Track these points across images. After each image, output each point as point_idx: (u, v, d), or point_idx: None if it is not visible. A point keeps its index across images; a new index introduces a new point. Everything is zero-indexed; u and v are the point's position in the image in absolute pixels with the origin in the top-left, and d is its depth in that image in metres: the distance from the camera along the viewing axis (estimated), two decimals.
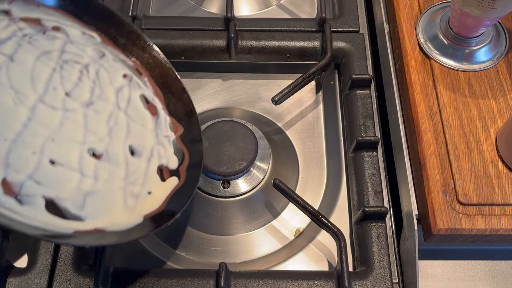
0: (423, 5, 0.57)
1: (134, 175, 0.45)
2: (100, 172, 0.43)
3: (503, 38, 0.54)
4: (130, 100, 0.49)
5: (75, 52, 0.47)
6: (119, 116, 0.47)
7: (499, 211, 0.45)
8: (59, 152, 0.42)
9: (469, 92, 0.51)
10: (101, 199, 0.42)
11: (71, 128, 0.43)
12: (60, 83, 0.45)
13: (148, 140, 0.48)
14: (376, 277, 0.47)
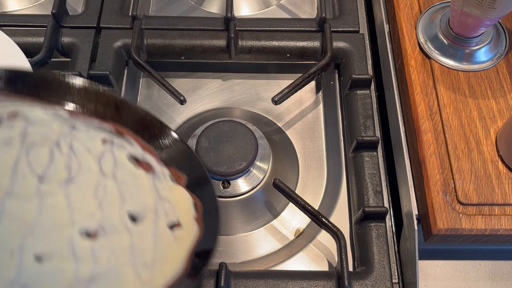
0: (423, 5, 0.57)
1: (141, 243, 0.39)
2: (99, 252, 0.37)
3: (503, 38, 0.54)
4: (117, 163, 0.42)
5: (39, 133, 0.41)
6: (107, 184, 0.40)
7: (499, 211, 0.45)
8: (43, 244, 0.35)
9: (469, 92, 0.51)
10: (107, 282, 0.36)
11: (53, 213, 0.37)
12: (29, 169, 0.38)
13: (148, 200, 0.41)
14: (376, 277, 0.47)
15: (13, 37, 0.57)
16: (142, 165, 0.43)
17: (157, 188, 0.42)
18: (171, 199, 0.42)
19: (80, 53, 0.61)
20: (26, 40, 0.61)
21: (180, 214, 0.41)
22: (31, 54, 0.58)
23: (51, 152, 0.40)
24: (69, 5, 0.66)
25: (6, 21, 0.63)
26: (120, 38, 0.62)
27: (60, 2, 0.63)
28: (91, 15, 0.64)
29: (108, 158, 0.42)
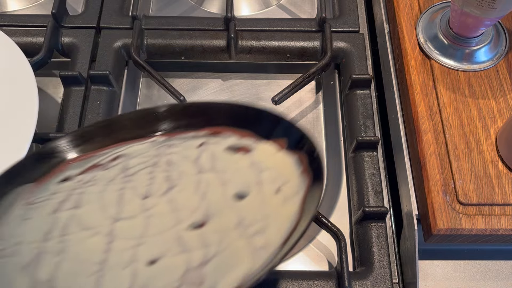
0: (423, 5, 0.57)
1: (250, 216, 0.39)
2: (208, 238, 0.38)
3: (503, 38, 0.54)
4: (214, 158, 0.44)
5: (138, 163, 0.44)
6: (208, 177, 0.42)
7: (499, 211, 0.45)
8: (153, 249, 0.37)
9: (469, 92, 0.51)
10: (221, 261, 0.36)
11: (158, 221, 0.38)
12: (133, 194, 0.41)
13: (250, 176, 0.42)
14: (376, 277, 0.47)
15: (13, 37, 0.57)
16: (241, 150, 0.45)
17: (256, 162, 0.43)
18: (274, 166, 0.43)
19: (80, 53, 0.61)
20: (26, 40, 0.61)
21: (284, 176, 0.41)
22: (31, 54, 0.58)
23: (150, 173, 0.43)
24: (69, 5, 0.66)
25: (6, 21, 0.63)
26: (120, 38, 0.62)
27: (60, 2, 0.63)
28: (91, 15, 0.64)
29: (205, 157, 0.44)
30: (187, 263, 0.36)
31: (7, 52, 0.55)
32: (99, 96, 0.58)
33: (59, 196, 0.42)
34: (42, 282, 0.35)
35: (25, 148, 0.48)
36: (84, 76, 0.59)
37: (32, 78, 0.53)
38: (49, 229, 0.39)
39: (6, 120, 0.51)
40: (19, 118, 0.51)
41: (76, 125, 0.56)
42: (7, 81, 0.54)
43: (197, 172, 0.42)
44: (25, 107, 0.51)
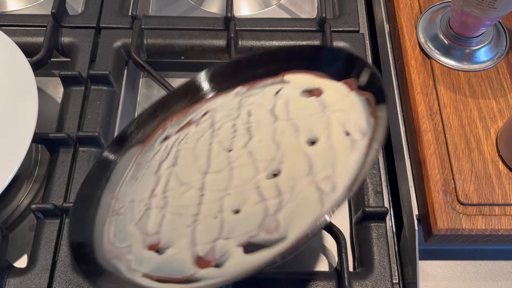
0: (423, 5, 0.57)
1: (319, 162, 0.41)
2: (282, 186, 0.40)
3: (503, 38, 0.54)
4: (288, 103, 0.46)
5: (222, 116, 0.48)
6: (282, 125, 0.44)
7: (500, 211, 0.45)
8: (237, 199, 0.40)
9: (470, 92, 0.51)
10: (293, 208, 0.39)
11: (241, 172, 0.42)
12: (219, 148, 0.45)
13: (322, 120, 0.43)
14: (376, 277, 0.47)
15: (13, 37, 0.57)
16: (313, 93, 0.46)
17: (328, 105, 0.44)
18: (344, 108, 0.44)
19: (80, 53, 0.61)
20: (26, 40, 0.61)
21: (354, 118, 0.42)
22: (31, 54, 0.58)
23: (234, 126, 0.46)
24: (69, 5, 0.66)
25: (6, 21, 0.63)
26: (120, 38, 0.62)
27: (60, 2, 0.63)
28: (91, 15, 0.64)
29: (280, 104, 0.46)
30: (265, 211, 0.39)
31: (7, 52, 0.55)
32: (99, 96, 0.58)
33: (161, 156, 0.47)
34: (150, 234, 0.41)
35: (24, 148, 0.48)
36: (84, 76, 0.59)
37: (32, 78, 0.53)
38: (154, 187, 0.44)
39: (6, 120, 0.51)
40: (19, 118, 0.51)
41: (76, 125, 0.56)
42: (7, 81, 0.54)
43: (273, 121, 0.45)
44: (25, 107, 0.51)
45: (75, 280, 0.47)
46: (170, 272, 0.38)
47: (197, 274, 0.37)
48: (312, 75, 0.48)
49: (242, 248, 0.38)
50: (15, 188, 0.55)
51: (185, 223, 0.40)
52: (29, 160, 0.57)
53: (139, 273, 0.39)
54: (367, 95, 0.43)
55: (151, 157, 0.47)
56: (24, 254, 0.52)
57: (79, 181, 0.53)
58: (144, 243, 0.41)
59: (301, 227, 0.37)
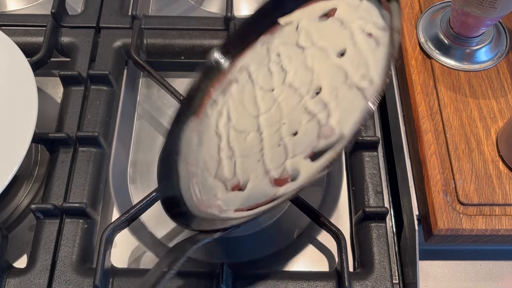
0: (423, 4, 0.57)
1: (352, 68, 0.44)
2: (326, 98, 0.44)
3: (503, 38, 0.54)
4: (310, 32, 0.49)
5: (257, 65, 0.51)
6: (310, 52, 0.48)
7: (500, 211, 0.45)
8: (292, 125, 0.45)
9: (470, 92, 0.51)
10: (342, 111, 0.43)
11: (287, 102, 0.46)
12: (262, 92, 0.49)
13: (343, 33, 0.47)
14: (376, 278, 0.47)
15: (12, 37, 0.57)
16: (329, 14, 0.49)
17: (345, 20, 0.47)
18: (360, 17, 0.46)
19: (80, 52, 0.61)
20: (26, 40, 0.61)
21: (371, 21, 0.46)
22: (31, 54, 0.58)
23: (269, 69, 0.50)
24: (69, 5, 0.66)
25: (6, 21, 0.63)
26: (120, 38, 0.62)
27: (60, 2, 0.63)
28: (91, 15, 0.64)
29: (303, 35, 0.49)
30: (318, 124, 0.43)
31: (6, 52, 0.55)
32: (98, 96, 0.58)
33: (216, 118, 0.50)
34: (229, 180, 0.46)
35: (24, 148, 0.48)
36: (83, 76, 0.59)
37: (31, 78, 0.53)
38: (218, 144, 0.48)
39: (6, 120, 0.51)
40: (18, 118, 0.51)
41: (76, 125, 0.56)
42: (7, 81, 0.54)
43: (301, 52, 0.48)
44: (25, 107, 0.51)
45: (75, 281, 0.47)
46: (256, 200, 0.43)
47: (278, 192, 0.42)
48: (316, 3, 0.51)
49: (309, 159, 0.42)
50: (15, 188, 0.55)
51: (255, 159, 0.45)
52: (29, 160, 0.57)
53: (231, 211, 0.44)
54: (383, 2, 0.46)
55: (207, 122, 0.51)
56: (23, 254, 0.52)
57: (79, 181, 0.53)
58: (227, 188, 0.46)
59: (353, 121, 0.41)
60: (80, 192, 0.52)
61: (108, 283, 0.46)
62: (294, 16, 0.53)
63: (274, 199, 0.43)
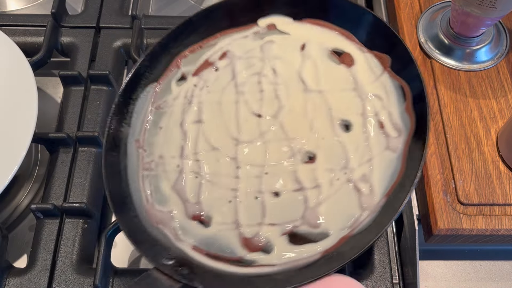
0: (423, 4, 0.57)
1: (355, 155, 0.41)
2: (319, 176, 0.41)
3: (503, 38, 0.54)
4: (317, 68, 0.45)
5: (245, 67, 0.47)
6: (314, 99, 0.44)
7: (500, 211, 0.45)
8: (275, 182, 0.42)
9: (470, 92, 0.51)
10: (333, 205, 0.40)
11: (275, 148, 0.43)
12: (247, 111, 0.45)
13: (355, 102, 0.43)
14: (376, 278, 0.47)
15: (12, 37, 0.57)
16: (344, 60, 0.45)
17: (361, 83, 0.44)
18: (378, 93, 0.43)
19: (80, 52, 0.61)
20: (26, 40, 0.61)
21: (387, 108, 0.42)
22: (31, 53, 0.58)
23: (259, 83, 0.45)
24: (69, 5, 0.66)
25: (6, 21, 0.63)
26: (120, 37, 0.62)
27: (60, 2, 0.63)
28: (91, 15, 0.64)
29: (308, 66, 0.45)
30: (305, 202, 0.40)
31: (6, 52, 0.55)
32: (98, 95, 0.58)
33: (182, 105, 0.46)
34: (192, 203, 0.42)
35: (24, 148, 0.48)
36: (83, 75, 0.59)
37: (31, 78, 0.53)
38: (182, 145, 0.44)
39: (6, 120, 0.51)
40: (18, 117, 0.51)
41: (76, 125, 0.56)
42: (7, 81, 0.54)
43: (302, 88, 0.44)
44: (25, 107, 0.51)
45: (75, 280, 0.47)
46: (218, 249, 0.40)
47: (246, 256, 0.39)
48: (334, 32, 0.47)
49: (287, 237, 0.39)
50: (15, 188, 0.55)
51: (225, 197, 0.41)
52: (29, 160, 0.57)
53: (187, 244, 0.40)
54: (402, 83, 0.43)
55: (171, 102, 0.47)
56: (24, 254, 0.52)
57: (79, 181, 0.53)
58: (186, 212, 0.42)
59: (342, 225, 0.39)
60: (80, 192, 0.52)
61: (108, 283, 0.46)
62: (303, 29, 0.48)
63: (240, 261, 0.39)
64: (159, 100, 0.48)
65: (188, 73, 0.48)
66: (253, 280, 0.38)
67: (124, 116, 0.48)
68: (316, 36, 0.47)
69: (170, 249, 0.40)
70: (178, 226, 0.41)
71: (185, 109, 0.46)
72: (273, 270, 0.38)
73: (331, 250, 0.38)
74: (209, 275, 0.39)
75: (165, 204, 0.43)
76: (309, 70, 0.45)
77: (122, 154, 0.45)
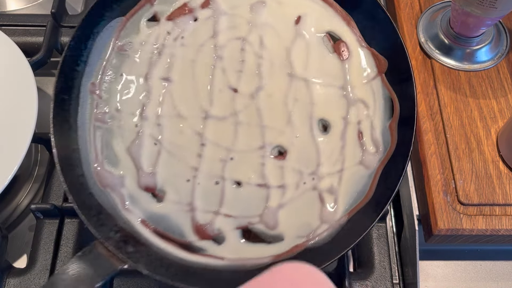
0: (423, 4, 0.57)
1: (327, 162, 0.38)
2: (287, 175, 0.38)
3: (504, 38, 0.54)
4: (309, 52, 0.40)
5: (228, 26, 0.41)
6: (297, 87, 0.39)
7: (500, 211, 0.45)
8: (240, 171, 0.38)
9: (470, 92, 0.51)
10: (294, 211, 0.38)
11: (246, 134, 0.39)
12: (223, 82, 0.40)
13: (340, 103, 0.39)
14: (376, 278, 0.47)
15: (12, 37, 0.57)
16: (338, 49, 0.40)
17: (351, 84, 0.40)
18: (366, 99, 0.40)
19: None
20: (26, 40, 0.61)
21: (371, 120, 0.39)
22: (31, 53, 0.57)
23: (242, 51, 0.40)
24: (69, 5, 0.66)
25: (6, 21, 0.63)
26: None
27: (60, 2, 0.63)
28: None
29: (300, 47, 0.40)
30: (266, 200, 0.38)
31: (6, 52, 0.55)
32: None
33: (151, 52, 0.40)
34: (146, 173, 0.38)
35: (24, 148, 0.48)
36: None
37: (31, 78, 0.53)
38: (144, 102, 0.39)
39: (6, 120, 0.51)
40: (18, 117, 0.51)
41: None
42: (7, 81, 0.54)
43: (289, 72, 0.40)
44: (25, 106, 0.51)
45: None
46: (168, 228, 0.37)
47: (196, 242, 0.37)
48: (335, 12, 0.42)
49: (240, 231, 0.37)
50: (15, 188, 0.55)
51: (184, 174, 0.38)
52: (29, 160, 0.57)
53: (136, 216, 0.38)
54: (393, 97, 0.40)
55: (138, 46, 0.41)
56: (23, 254, 0.51)
57: None
58: (139, 181, 0.38)
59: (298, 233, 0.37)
60: None
61: (108, 283, 0.46)
62: None
63: (188, 246, 0.36)
64: (123, 39, 0.42)
65: (162, 14, 0.42)
66: (199, 273, 0.36)
67: (81, 53, 0.42)
68: (315, 11, 0.42)
69: (116, 220, 0.37)
70: (127, 194, 0.38)
71: (153, 60, 0.41)
72: (220, 264, 0.36)
73: (282, 256, 0.36)
74: (156, 258, 0.36)
75: (116, 166, 0.39)
76: (300, 51, 0.41)
77: (74, 98, 0.41)
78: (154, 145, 0.39)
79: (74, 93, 0.41)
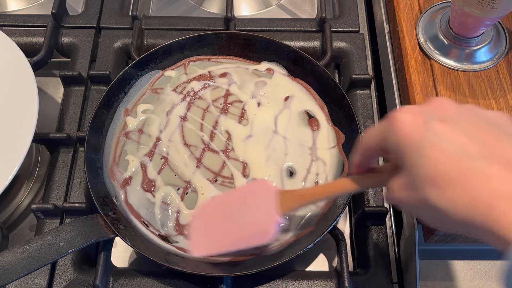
0: (423, 5, 0.57)
1: None
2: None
3: (503, 38, 0.54)
4: (291, 119, 0.54)
5: (237, 92, 0.56)
6: (277, 141, 0.53)
7: None
8: (222, 190, 0.50)
9: (469, 92, 0.51)
10: None
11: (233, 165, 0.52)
12: (224, 124, 0.54)
13: (306, 158, 0.52)
14: (376, 278, 0.47)
15: (13, 37, 0.57)
16: (311, 124, 0.55)
17: (317, 146, 0.53)
18: (326, 160, 0.52)
19: (80, 53, 0.61)
20: (26, 40, 0.61)
21: (326, 174, 0.52)
22: (31, 54, 0.58)
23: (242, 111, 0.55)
24: (69, 5, 0.66)
25: (6, 21, 0.64)
26: (120, 38, 0.62)
27: (60, 2, 0.63)
28: (91, 15, 0.64)
29: (285, 114, 0.55)
30: None
31: (7, 52, 0.55)
32: (99, 96, 0.58)
33: (176, 98, 0.56)
34: (149, 179, 0.51)
35: (25, 148, 0.48)
36: (84, 76, 0.59)
37: (32, 78, 0.53)
38: (161, 129, 0.54)
39: (6, 120, 0.51)
40: (19, 118, 0.51)
41: (76, 125, 0.56)
42: (7, 81, 0.54)
43: (273, 129, 0.54)
44: (25, 107, 0.51)
45: (75, 280, 0.47)
46: (155, 222, 0.49)
47: (174, 237, 0.48)
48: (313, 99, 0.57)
49: None
50: (15, 188, 0.55)
51: (177, 185, 0.50)
52: (29, 160, 0.57)
53: (131, 208, 0.49)
54: (345, 161, 0.52)
55: (168, 91, 0.56)
56: None
57: (79, 181, 0.53)
58: (142, 183, 0.51)
59: None
60: (80, 192, 0.52)
61: (108, 283, 0.46)
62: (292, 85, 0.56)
63: (167, 239, 0.48)
64: (158, 85, 0.57)
65: (190, 74, 0.56)
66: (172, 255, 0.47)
67: (125, 85, 0.55)
68: (300, 95, 0.56)
69: (116, 205, 0.49)
70: (129, 190, 0.50)
71: (176, 103, 0.55)
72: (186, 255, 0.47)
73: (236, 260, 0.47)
74: (140, 239, 0.47)
75: (126, 170, 0.51)
76: (284, 119, 0.54)
77: (111, 114, 0.54)
78: (160, 159, 0.52)
79: (111, 111, 0.55)
